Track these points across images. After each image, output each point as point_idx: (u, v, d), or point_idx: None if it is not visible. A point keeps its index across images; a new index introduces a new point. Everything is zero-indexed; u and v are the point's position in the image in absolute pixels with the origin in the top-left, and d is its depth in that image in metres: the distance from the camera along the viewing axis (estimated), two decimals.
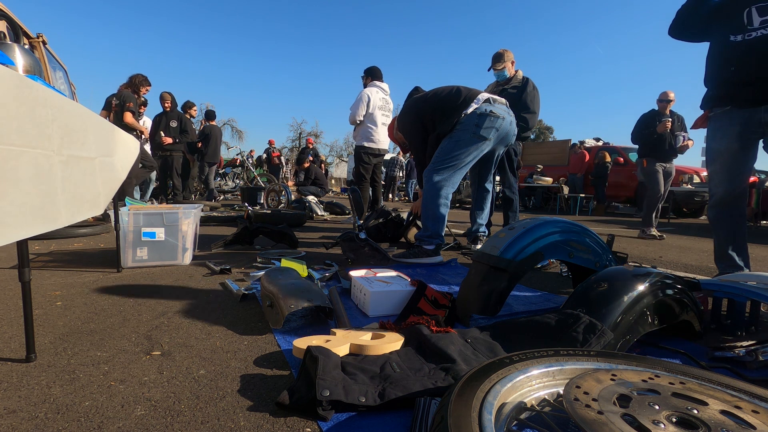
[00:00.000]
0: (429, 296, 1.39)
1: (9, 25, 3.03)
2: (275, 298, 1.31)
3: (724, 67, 1.80)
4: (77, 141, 1.16)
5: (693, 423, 0.57)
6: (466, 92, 2.35)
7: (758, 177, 6.98)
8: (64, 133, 1.07)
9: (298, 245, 2.75)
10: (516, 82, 3.17)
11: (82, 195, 1.21)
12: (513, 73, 3.20)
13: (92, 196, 1.30)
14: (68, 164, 1.10)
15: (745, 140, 1.79)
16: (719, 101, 1.84)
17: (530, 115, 3.07)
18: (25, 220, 0.88)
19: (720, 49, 1.81)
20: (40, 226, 0.94)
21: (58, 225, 1.04)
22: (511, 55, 3.19)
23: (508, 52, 3.19)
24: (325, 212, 5.71)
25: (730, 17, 1.76)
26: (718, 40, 1.81)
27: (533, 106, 3.09)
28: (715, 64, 1.84)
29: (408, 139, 2.66)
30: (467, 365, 0.93)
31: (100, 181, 1.37)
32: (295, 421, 0.76)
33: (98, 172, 1.36)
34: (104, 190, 1.44)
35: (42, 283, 1.70)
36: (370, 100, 4.01)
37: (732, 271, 1.83)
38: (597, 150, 9.46)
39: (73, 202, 1.14)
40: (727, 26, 1.76)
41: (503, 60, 3.15)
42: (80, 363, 0.98)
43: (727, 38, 1.76)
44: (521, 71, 3.22)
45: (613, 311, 1.02)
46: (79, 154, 1.19)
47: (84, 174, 1.23)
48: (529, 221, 1.38)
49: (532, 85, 3.13)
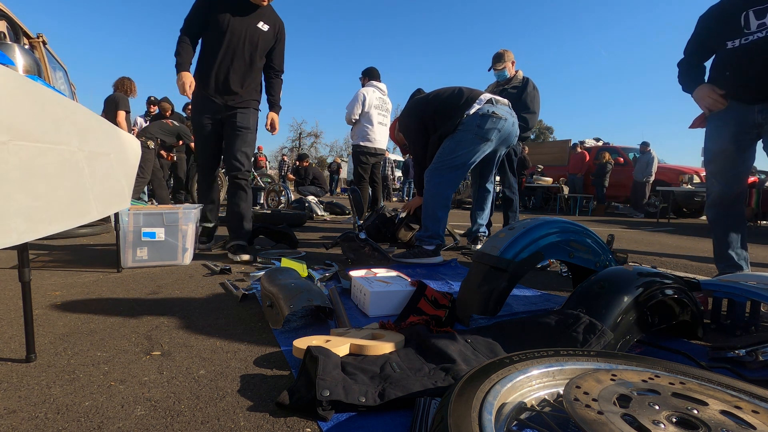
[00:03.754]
0: (429, 296, 1.39)
1: (9, 25, 3.03)
2: (275, 298, 1.31)
3: (720, 71, 1.83)
4: (92, 137, 1.16)
5: (693, 423, 0.57)
6: (468, 93, 2.35)
7: (758, 177, 6.99)
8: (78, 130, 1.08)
9: (298, 245, 2.75)
10: (516, 82, 3.17)
11: (109, 189, 1.23)
12: (513, 73, 3.21)
13: (118, 189, 1.30)
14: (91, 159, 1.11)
15: (740, 141, 1.81)
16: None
17: (530, 115, 3.07)
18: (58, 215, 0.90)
19: (718, 56, 1.84)
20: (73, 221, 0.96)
21: (89, 219, 1.06)
22: (511, 55, 3.20)
23: (509, 53, 3.19)
24: (325, 212, 5.72)
25: (726, 22, 1.78)
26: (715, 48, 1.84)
27: (533, 106, 3.10)
28: (713, 70, 1.88)
29: (408, 140, 2.66)
30: (467, 365, 0.93)
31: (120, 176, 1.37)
32: (295, 421, 0.76)
33: (116, 167, 1.36)
34: (126, 184, 1.44)
35: (42, 283, 1.70)
36: (365, 99, 4.02)
37: (732, 271, 1.84)
38: (597, 150, 9.47)
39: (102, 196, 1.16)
40: (724, 33, 1.78)
41: (503, 60, 3.16)
42: (80, 363, 0.98)
43: (724, 46, 1.79)
44: (521, 71, 3.22)
45: (613, 311, 1.02)
46: (97, 150, 1.19)
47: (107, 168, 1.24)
48: (529, 221, 1.38)
49: (532, 85, 3.13)
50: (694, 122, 1.99)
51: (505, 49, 3.21)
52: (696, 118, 1.98)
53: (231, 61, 2.29)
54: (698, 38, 1.90)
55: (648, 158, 7.82)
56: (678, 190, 6.97)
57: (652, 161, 7.77)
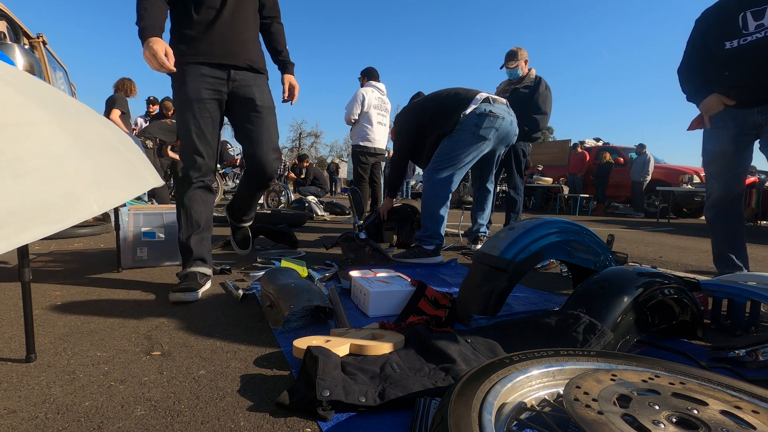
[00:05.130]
0: (429, 296, 1.39)
1: (9, 25, 3.04)
2: (275, 298, 1.31)
3: (718, 72, 1.83)
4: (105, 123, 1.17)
5: (693, 423, 0.57)
6: (464, 93, 2.38)
7: (758, 177, 6.99)
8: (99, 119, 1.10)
9: (298, 245, 2.75)
10: (528, 81, 3.09)
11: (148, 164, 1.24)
12: (526, 72, 3.12)
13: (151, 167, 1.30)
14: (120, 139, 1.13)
15: (739, 142, 1.81)
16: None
17: (541, 116, 3.00)
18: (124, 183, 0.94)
19: (716, 56, 1.84)
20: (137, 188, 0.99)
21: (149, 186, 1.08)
22: (525, 53, 3.11)
23: (522, 51, 3.10)
24: (325, 212, 5.71)
25: (723, 23, 1.78)
26: (712, 49, 1.84)
27: (545, 107, 3.01)
28: (712, 70, 1.87)
29: (396, 140, 2.64)
30: (467, 365, 0.93)
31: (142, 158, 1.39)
32: (295, 421, 0.76)
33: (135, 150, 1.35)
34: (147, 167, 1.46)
35: (42, 283, 1.70)
36: (364, 99, 4.03)
37: (731, 271, 1.84)
38: (597, 150, 9.48)
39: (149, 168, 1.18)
40: (721, 34, 1.79)
41: (517, 58, 3.07)
42: (80, 363, 0.98)
43: (722, 46, 1.79)
44: (534, 70, 3.14)
45: (613, 311, 1.02)
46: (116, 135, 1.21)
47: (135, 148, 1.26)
48: (529, 221, 1.38)
49: (545, 85, 3.04)
50: (692, 124, 1.99)
51: (519, 47, 3.11)
52: (694, 119, 1.98)
53: (232, 9, 1.60)
54: (696, 41, 1.90)
55: (644, 159, 7.91)
56: (678, 190, 6.97)
57: (648, 162, 7.85)
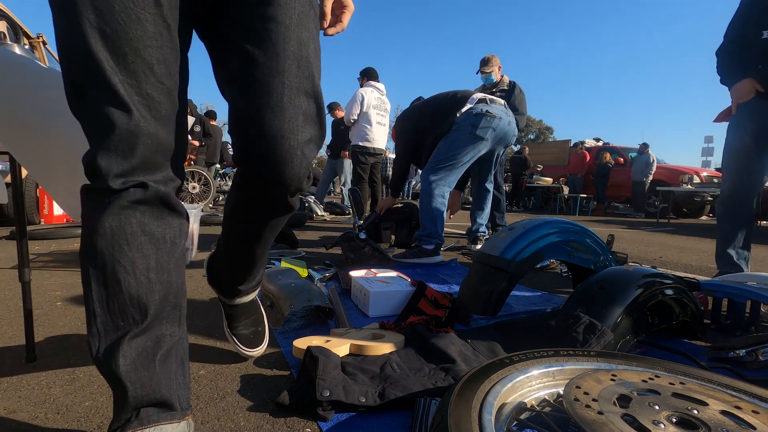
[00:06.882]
0: (429, 296, 1.39)
1: (9, 25, 3.03)
2: (275, 298, 1.31)
3: (750, 64, 1.75)
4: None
5: (693, 423, 0.57)
6: (461, 94, 2.44)
7: None
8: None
9: (298, 245, 2.75)
10: (503, 86, 3.37)
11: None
12: (500, 78, 3.40)
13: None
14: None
15: (760, 139, 1.74)
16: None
17: (519, 116, 3.24)
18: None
19: (753, 44, 1.75)
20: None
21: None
22: (497, 60, 3.42)
23: (495, 58, 3.41)
24: (325, 212, 5.71)
25: (763, 13, 1.70)
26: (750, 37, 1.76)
27: (522, 108, 3.31)
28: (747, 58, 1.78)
29: (397, 142, 2.74)
30: (467, 365, 0.93)
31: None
32: (295, 422, 0.76)
33: None
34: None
35: (42, 283, 1.70)
36: (364, 99, 4.04)
37: (731, 270, 1.83)
38: (597, 150, 9.48)
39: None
40: (760, 22, 1.71)
41: (491, 64, 3.38)
42: (80, 363, 0.98)
43: (759, 35, 1.71)
44: (507, 76, 3.43)
45: (613, 311, 1.02)
46: None
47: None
48: (529, 221, 1.38)
49: (519, 88, 3.34)
50: (719, 116, 1.92)
51: (492, 54, 3.43)
52: (721, 112, 1.91)
53: None
54: (737, 23, 1.81)
55: (647, 158, 7.89)
56: (678, 190, 6.97)
57: (651, 162, 7.84)
